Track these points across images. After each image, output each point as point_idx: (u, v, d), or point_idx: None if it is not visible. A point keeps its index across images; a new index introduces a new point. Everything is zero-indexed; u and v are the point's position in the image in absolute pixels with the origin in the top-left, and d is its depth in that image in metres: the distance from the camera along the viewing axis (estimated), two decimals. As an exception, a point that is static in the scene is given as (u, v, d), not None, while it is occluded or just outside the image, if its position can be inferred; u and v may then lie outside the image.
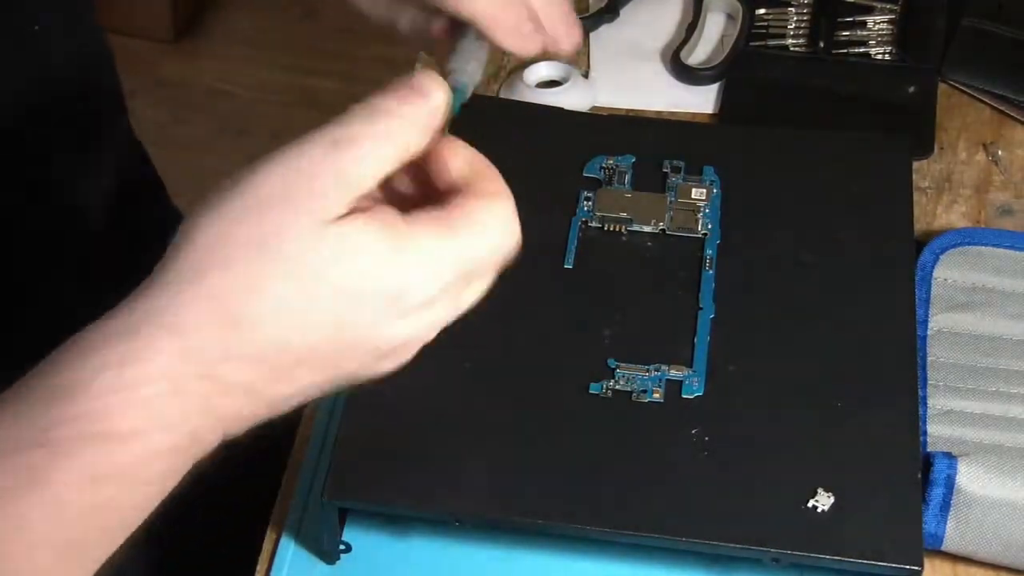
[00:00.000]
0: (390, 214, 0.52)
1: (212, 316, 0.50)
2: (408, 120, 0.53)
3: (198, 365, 0.50)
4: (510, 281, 0.72)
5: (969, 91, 0.89)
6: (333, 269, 0.51)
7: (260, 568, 0.69)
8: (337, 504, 0.65)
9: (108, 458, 0.49)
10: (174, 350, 0.49)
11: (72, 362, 0.49)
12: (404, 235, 0.52)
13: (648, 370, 0.69)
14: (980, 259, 0.76)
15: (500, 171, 0.73)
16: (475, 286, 0.55)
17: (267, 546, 0.69)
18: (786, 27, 0.92)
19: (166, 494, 0.52)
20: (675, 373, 0.69)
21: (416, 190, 0.57)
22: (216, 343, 0.50)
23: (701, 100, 0.89)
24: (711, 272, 0.73)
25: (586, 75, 0.90)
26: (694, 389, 0.68)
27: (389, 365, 0.55)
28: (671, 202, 0.76)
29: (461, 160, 0.56)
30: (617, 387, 0.68)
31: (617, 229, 0.75)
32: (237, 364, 0.51)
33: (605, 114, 0.88)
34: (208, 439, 0.52)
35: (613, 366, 0.69)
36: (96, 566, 0.50)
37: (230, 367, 0.50)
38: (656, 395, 0.68)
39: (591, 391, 0.68)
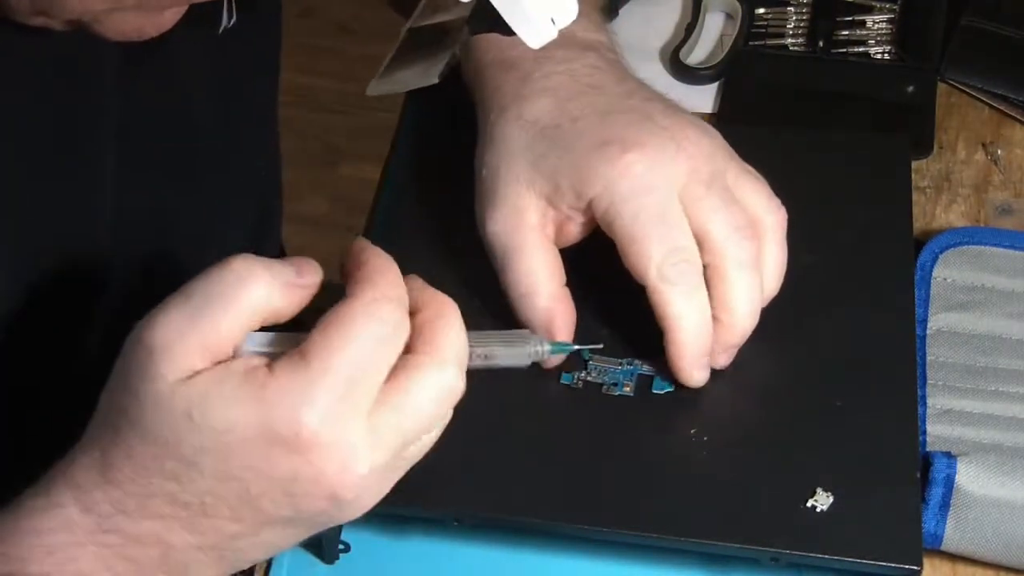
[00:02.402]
0: (250, 362, 0.54)
1: (98, 475, 0.54)
2: (272, 287, 0.54)
3: (97, 518, 0.54)
4: (493, 279, 0.72)
5: (968, 91, 0.88)
6: (186, 425, 0.53)
7: (259, 568, 0.69)
8: (336, 503, 0.65)
9: None
10: (74, 505, 0.54)
11: (14, 508, 0.55)
12: (262, 380, 0.53)
13: (621, 363, 0.69)
14: (979, 258, 0.76)
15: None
16: (374, 385, 0.54)
17: (266, 545, 0.69)
18: (785, 26, 0.92)
19: None
20: (647, 369, 0.69)
21: None
22: (105, 500, 0.54)
23: (700, 99, 0.88)
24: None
25: (585, 74, 0.90)
26: (664, 385, 0.68)
27: (329, 505, 0.54)
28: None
29: (353, 269, 0.56)
30: (589, 379, 0.68)
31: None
32: (131, 518, 0.54)
33: (604, 113, 0.87)
34: None
35: (587, 358, 0.69)
36: None
37: (125, 520, 0.54)
38: (627, 389, 0.68)
39: (563, 381, 0.68)
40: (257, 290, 0.54)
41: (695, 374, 0.67)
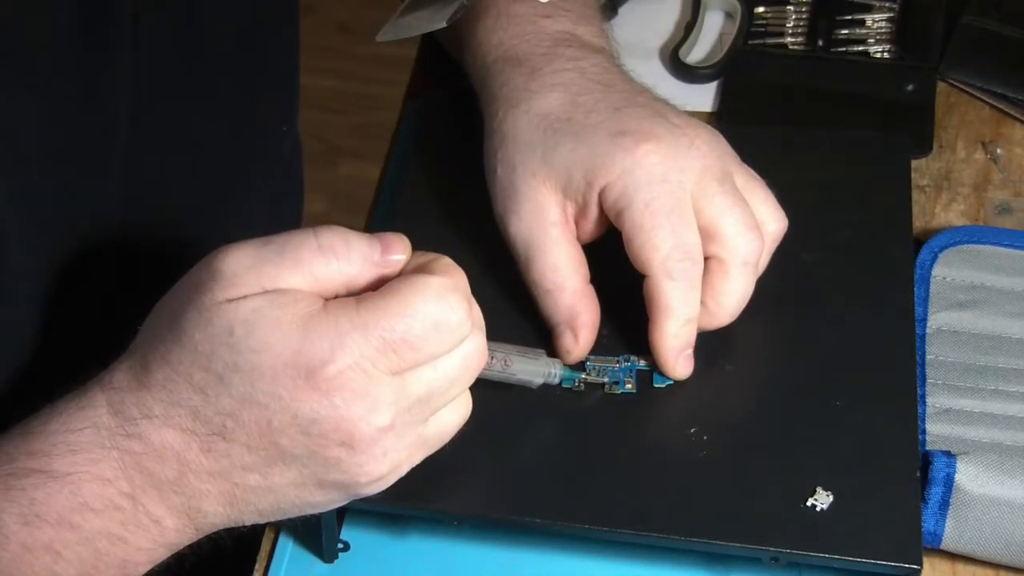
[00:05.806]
0: (303, 295, 0.55)
1: (133, 379, 0.55)
2: (349, 262, 0.56)
3: (123, 420, 0.55)
4: (493, 278, 0.72)
5: (968, 89, 0.88)
6: (225, 341, 0.54)
7: (259, 566, 0.69)
8: (336, 503, 0.65)
9: (48, 498, 0.54)
10: (105, 406, 0.55)
11: (48, 411, 0.56)
12: (311, 311, 0.54)
13: (618, 361, 0.69)
14: (979, 257, 0.76)
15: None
16: (413, 363, 0.56)
17: (265, 545, 0.69)
18: (785, 25, 0.92)
19: (117, 568, 0.55)
20: (644, 364, 0.69)
21: None
22: (134, 403, 0.55)
23: (700, 98, 0.88)
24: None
25: (585, 73, 0.90)
26: (665, 379, 0.68)
27: (344, 454, 0.55)
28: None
29: (414, 263, 0.58)
30: (589, 379, 0.68)
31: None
32: (155, 424, 0.55)
33: (604, 112, 0.87)
34: (157, 514, 0.56)
35: (585, 359, 0.69)
36: None
37: (149, 425, 0.55)
38: (628, 386, 0.68)
39: (563, 384, 0.68)
40: (331, 264, 0.56)
41: (679, 366, 0.67)
